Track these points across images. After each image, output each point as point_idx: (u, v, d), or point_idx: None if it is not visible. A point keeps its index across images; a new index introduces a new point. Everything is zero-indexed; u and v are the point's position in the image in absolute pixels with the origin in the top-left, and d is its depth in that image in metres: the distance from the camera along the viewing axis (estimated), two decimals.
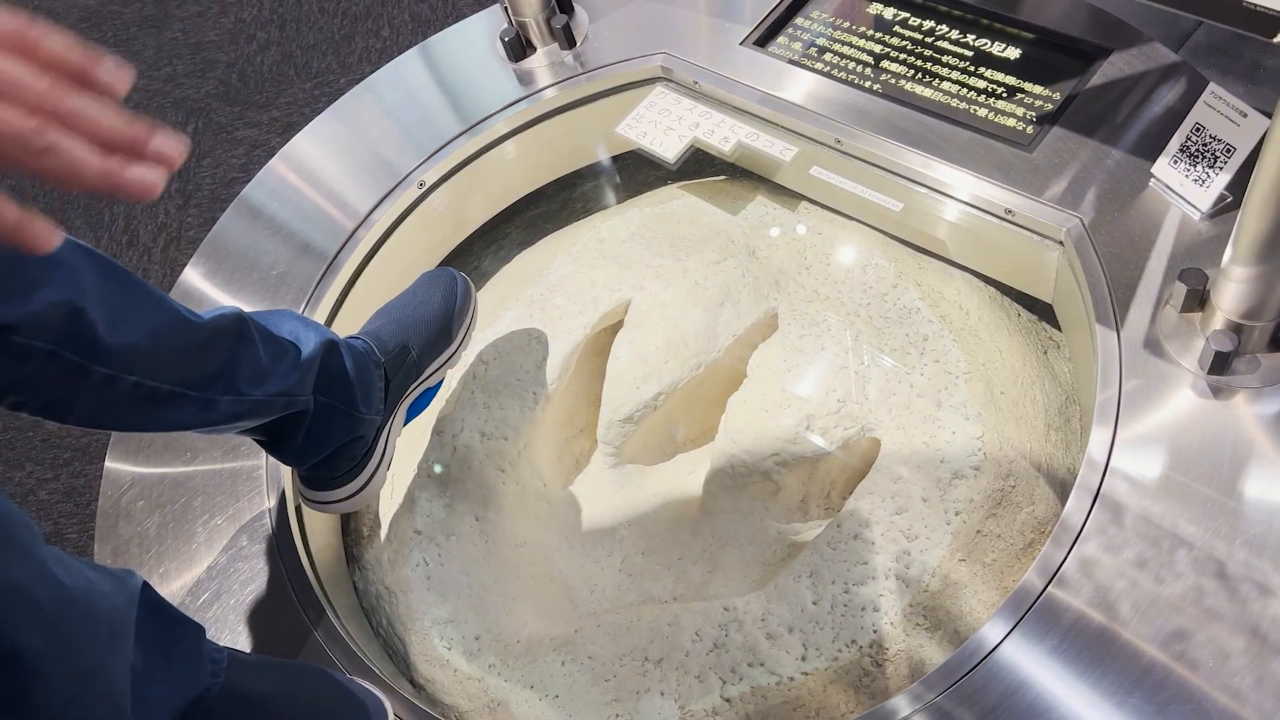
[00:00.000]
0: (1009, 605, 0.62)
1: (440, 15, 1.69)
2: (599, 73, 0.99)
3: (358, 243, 0.94)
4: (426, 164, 0.97)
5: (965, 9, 0.92)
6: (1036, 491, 0.77)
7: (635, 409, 0.90)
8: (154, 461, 0.85)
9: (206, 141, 1.62)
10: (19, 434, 1.34)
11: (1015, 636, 0.60)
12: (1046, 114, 0.82)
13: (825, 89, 0.89)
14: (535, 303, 0.98)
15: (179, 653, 0.58)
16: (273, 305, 0.91)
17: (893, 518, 0.78)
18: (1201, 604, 0.58)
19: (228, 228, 0.99)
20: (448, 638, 0.83)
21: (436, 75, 1.06)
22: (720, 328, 0.92)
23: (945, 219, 0.84)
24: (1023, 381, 0.83)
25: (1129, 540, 0.61)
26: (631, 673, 0.76)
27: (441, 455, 0.91)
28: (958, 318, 0.87)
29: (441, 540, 0.88)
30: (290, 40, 1.74)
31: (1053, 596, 0.61)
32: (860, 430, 0.84)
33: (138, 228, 1.55)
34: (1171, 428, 0.65)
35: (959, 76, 0.87)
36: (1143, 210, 0.74)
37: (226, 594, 0.76)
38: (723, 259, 0.95)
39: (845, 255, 0.93)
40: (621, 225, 1.01)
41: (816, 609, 0.76)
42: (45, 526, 1.26)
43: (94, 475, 1.27)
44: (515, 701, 0.77)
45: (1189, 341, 0.67)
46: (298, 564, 0.76)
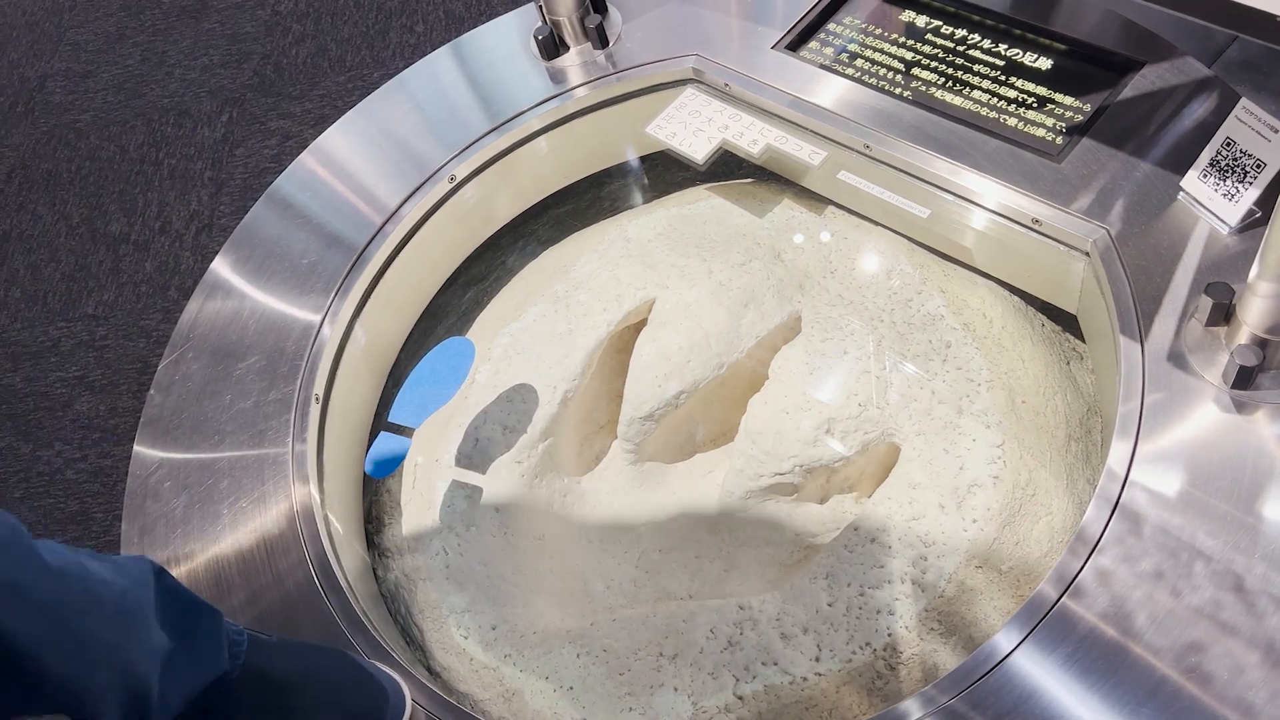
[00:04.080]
0: (1023, 613, 0.62)
1: (474, 13, 1.71)
2: (630, 73, 1.00)
3: (386, 236, 0.96)
4: (458, 159, 0.98)
5: (998, 18, 0.92)
6: (1055, 502, 0.77)
7: (656, 407, 0.91)
8: (182, 444, 0.86)
9: (240, 131, 1.64)
10: (49, 414, 1.37)
11: (1029, 644, 0.60)
12: (1076, 125, 0.82)
13: (855, 94, 0.89)
14: (561, 299, 0.99)
15: (199, 634, 0.59)
16: (301, 294, 0.92)
17: (910, 523, 0.78)
18: (1218, 618, 0.58)
19: (258, 219, 1.00)
20: (465, 626, 0.84)
21: (469, 72, 1.07)
22: (743, 329, 0.92)
23: (972, 227, 0.84)
24: (1044, 391, 0.83)
25: (1146, 551, 0.61)
26: (646, 667, 0.77)
27: (464, 447, 0.92)
28: (981, 325, 0.87)
29: (461, 530, 0.89)
30: (325, 34, 1.76)
31: (1068, 606, 0.61)
32: (880, 435, 0.84)
33: (170, 214, 1.57)
34: (1193, 441, 0.65)
35: (989, 85, 0.88)
36: (1170, 223, 0.74)
37: (251, 575, 0.78)
38: (748, 261, 0.95)
39: (870, 260, 0.93)
40: (648, 224, 1.02)
41: (831, 611, 0.76)
42: (71, 505, 1.29)
43: (121, 457, 1.30)
44: (530, 691, 0.78)
45: (1213, 355, 0.67)
46: (320, 549, 0.77)
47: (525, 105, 1.00)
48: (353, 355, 0.93)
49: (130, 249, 1.56)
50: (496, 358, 0.97)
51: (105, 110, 1.81)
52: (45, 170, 1.72)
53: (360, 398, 0.95)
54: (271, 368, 0.89)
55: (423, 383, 0.88)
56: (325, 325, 0.90)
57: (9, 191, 1.72)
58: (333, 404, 0.90)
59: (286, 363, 0.89)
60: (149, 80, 1.84)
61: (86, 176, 1.70)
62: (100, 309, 1.49)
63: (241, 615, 0.74)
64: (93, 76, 1.90)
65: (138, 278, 1.50)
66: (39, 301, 1.53)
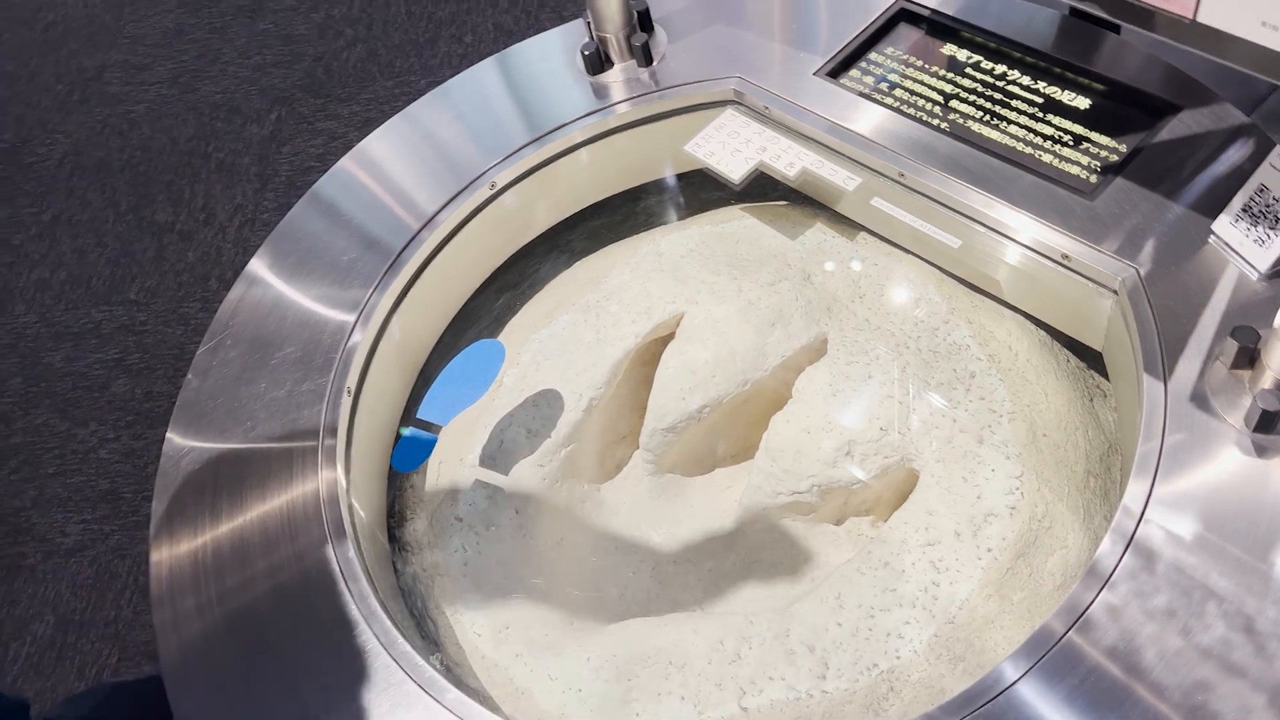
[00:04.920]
0: (1031, 643, 0.63)
1: (522, 26, 1.74)
2: (672, 91, 1.02)
3: (425, 237, 0.98)
4: (498, 166, 1.00)
5: (1038, 56, 0.93)
6: (1070, 536, 0.78)
7: (679, 419, 0.92)
8: (215, 428, 0.88)
9: (288, 130, 1.69)
10: (86, 393, 1.41)
11: (1034, 675, 0.61)
12: (1111, 164, 0.83)
13: (893, 123, 0.91)
14: (591, 308, 1.00)
15: None
16: (339, 290, 0.95)
17: (924, 548, 0.79)
18: (1227, 658, 0.58)
19: (301, 215, 1.03)
20: (477, 625, 0.85)
21: (515, 83, 1.09)
22: (770, 348, 0.93)
23: (1002, 259, 0.85)
24: (1066, 426, 0.84)
25: (1158, 589, 0.62)
26: (653, 675, 0.78)
27: (488, 447, 0.94)
28: (1006, 358, 0.88)
29: (481, 530, 0.90)
30: (376, 39, 1.81)
31: (1076, 638, 0.61)
32: (900, 460, 0.85)
33: (215, 207, 1.61)
34: (1212, 482, 0.65)
35: (1027, 121, 0.89)
36: (1200, 266, 0.75)
37: (275, 560, 0.80)
38: (777, 281, 0.97)
39: (899, 287, 0.94)
40: (681, 240, 1.04)
41: (840, 630, 0.77)
42: (102, 484, 1.32)
43: (153, 439, 1.33)
44: (539, 692, 0.79)
45: (1236, 399, 0.67)
46: (343, 537, 0.79)
47: (568, 118, 1.02)
48: (386, 351, 0.95)
49: (174, 238, 1.60)
50: (525, 362, 0.99)
51: (159, 103, 1.87)
52: (97, 158, 1.77)
53: (390, 393, 0.97)
54: (307, 359, 0.91)
55: (452, 382, 0.90)
56: (361, 321, 0.93)
57: (60, 176, 1.77)
58: (363, 398, 0.92)
59: (321, 355, 0.91)
60: (203, 76, 1.90)
61: (136, 166, 1.75)
62: (142, 295, 1.53)
63: (260, 583, 0.76)
64: (148, 69, 1.96)
65: (180, 266, 1.55)
66: (83, 285, 1.57)
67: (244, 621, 0.76)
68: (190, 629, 0.76)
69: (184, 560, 0.80)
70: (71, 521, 1.30)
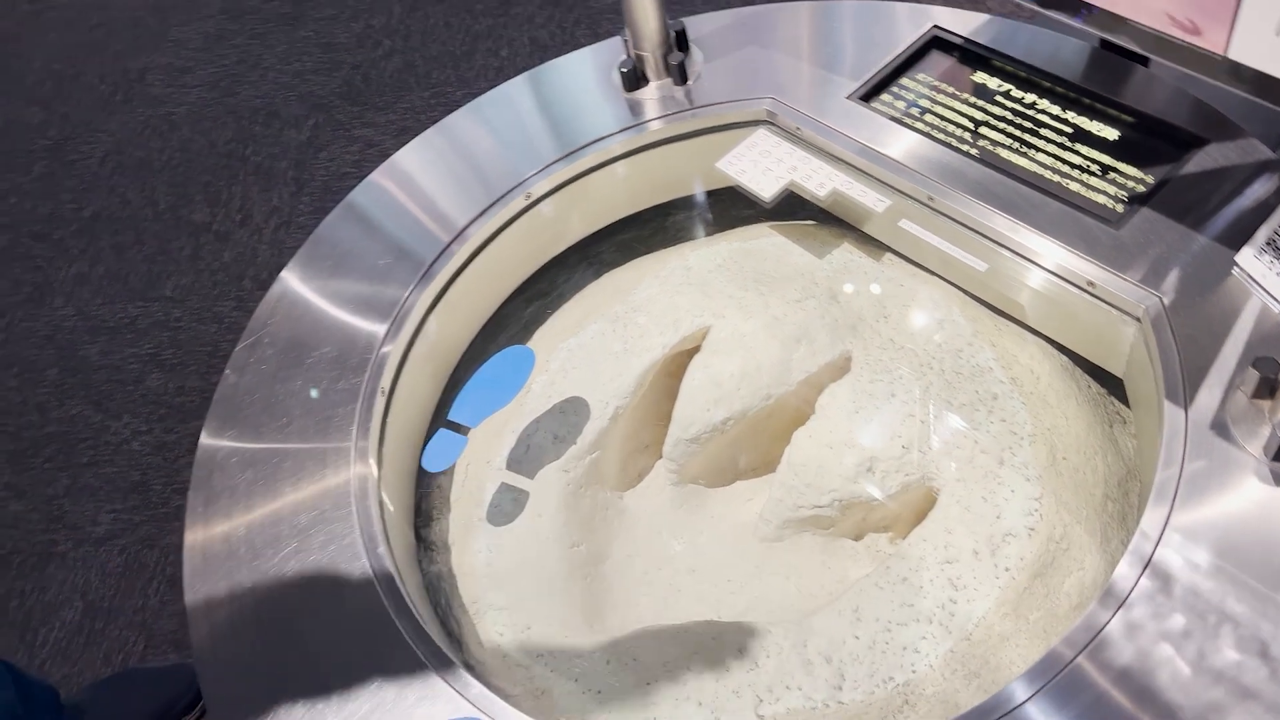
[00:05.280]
0: (1045, 662, 0.64)
1: (558, 41, 1.78)
2: (706, 110, 1.04)
3: (460, 244, 1.00)
4: (534, 177, 1.03)
5: (1068, 86, 0.95)
6: (1087, 558, 0.79)
7: (703, 430, 0.94)
8: (251, 423, 0.91)
9: (325, 136, 1.72)
10: (120, 387, 1.44)
11: (1046, 693, 0.62)
12: (1138, 195, 0.84)
13: (923, 148, 0.92)
14: (619, 319, 1.02)
15: None
16: (376, 293, 0.97)
17: (942, 566, 0.80)
18: (1239, 681, 0.59)
19: (339, 219, 1.05)
20: (500, 624, 0.87)
21: (552, 97, 1.12)
22: (794, 363, 0.95)
23: (1027, 284, 0.86)
24: (1086, 450, 0.85)
25: (1173, 612, 0.63)
26: (672, 680, 0.80)
27: (515, 451, 0.96)
28: (1028, 381, 0.89)
29: (505, 532, 0.92)
30: (414, 50, 1.84)
31: (1090, 658, 0.62)
32: (920, 478, 0.86)
33: (252, 208, 1.65)
34: (1230, 509, 0.66)
35: (1055, 150, 0.90)
36: (1223, 297, 0.76)
37: (305, 551, 0.82)
38: (804, 299, 0.98)
39: (924, 309, 0.96)
40: (709, 256, 1.06)
41: (857, 643, 0.78)
42: (133, 475, 1.35)
43: (184, 433, 1.36)
44: (559, 692, 0.81)
45: (1256, 428, 0.68)
46: (373, 532, 0.81)
47: (603, 133, 1.04)
48: (419, 354, 0.98)
49: (211, 238, 1.64)
50: (553, 370, 1.01)
51: (199, 105, 1.91)
52: (138, 157, 1.81)
53: (422, 396, 1.00)
54: (342, 359, 0.94)
55: (483, 386, 0.92)
56: (396, 324, 0.95)
57: (102, 174, 1.81)
58: (396, 399, 0.95)
59: (357, 355, 0.93)
60: (243, 80, 1.94)
61: (176, 166, 1.79)
62: (177, 292, 1.56)
63: (290, 575, 0.78)
64: (190, 73, 2.00)
65: (215, 266, 1.58)
66: (121, 280, 1.61)
67: (274, 610, 0.78)
68: (220, 614, 0.78)
69: (217, 545, 0.83)
70: (103, 511, 1.33)
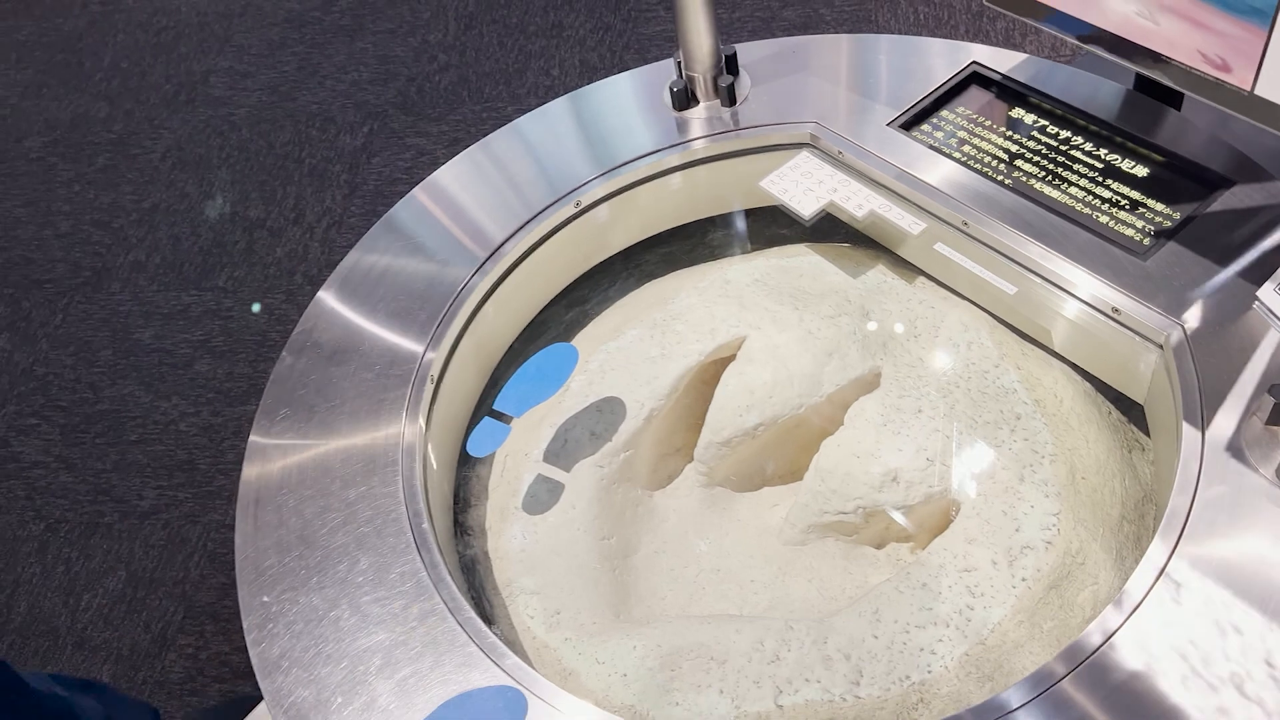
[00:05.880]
0: (1060, 658, 0.67)
1: (607, 64, 1.84)
2: (751, 131, 1.09)
3: (511, 246, 1.05)
4: (585, 186, 1.08)
5: (1101, 125, 0.99)
6: (1102, 574, 0.82)
7: (735, 434, 0.98)
8: (305, 402, 0.96)
9: (379, 143, 1.79)
10: (170, 370, 1.50)
11: (1062, 686, 0.65)
12: (1164, 230, 0.88)
13: (960, 175, 0.97)
14: (658, 326, 1.07)
15: None
16: (431, 287, 1.02)
17: (961, 574, 0.83)
18: (1242, 689, 0.62)
19: (397, 218, 1.11)
20: (531, 608, 0.91)
21: (603, 112, 1.17)
22: (825, 376, 0.99)
23: (1054, 309, 0.90)
24: (1105, 472, 0.88)
25: (1183, 621, 0.66)
26: (695, 667, 0.83)
27: (552, 445, 1.00)
28: (1052, 404, 0.93)
29: (540, 520, 0.96)
30: (468, 66, 1.92)
31: (1099, 660, 0.65)
32: (943, 490, 0.89)
33: (305, 208, 1.71)
34: (1242, 527, 0.69)
35: (1086, 184, 0.94)
36: (1243, 329, 0.79)
37: (351, 524, 0.86)
38: (837, 315, 1.02)
39: (953, 330, 0.99)
40: (748, 270, 1.10)
41: (876, 643, 0.81)
42: (180, 455, 1.40)
43: (231, 417, 1.41)
44: (585, 674, 0.85)
45: (1270, 452, 0.71)
46: (418, 509, 0.85)
47: (651, 148, 1.09)
48: (466, 348, 1.02)
49: (264, 234, 1.70)
50: (592, 370, 1.05)
51: (259, 108, 1.99)
52: (198, 154, 1.89)
53: (466, 388, 1.04)
54: (394, 348, 0.98)
55: (527, 380, 0.96)
56: (448, 315, 1.00)
57: (163, 169, 1.89)
58: (442, 388, 0.99)
59: (408, 346, 0.98)
60: (302, 87, 2.02)
61: (234, 164, 1.86)
62: (230, 283, 1.63)
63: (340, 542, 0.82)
64: (251, 77, 2.09)
65: (268, 260, 1.64)
66: (176, 269, 1.68)
67: (322, 570, 0.82)
68: (268, 572, 0.83)
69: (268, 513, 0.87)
70: (149, 486, 1.38)
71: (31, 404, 1.50)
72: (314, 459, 0.91)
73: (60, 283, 1.69)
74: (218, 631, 1.22)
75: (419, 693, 0.74)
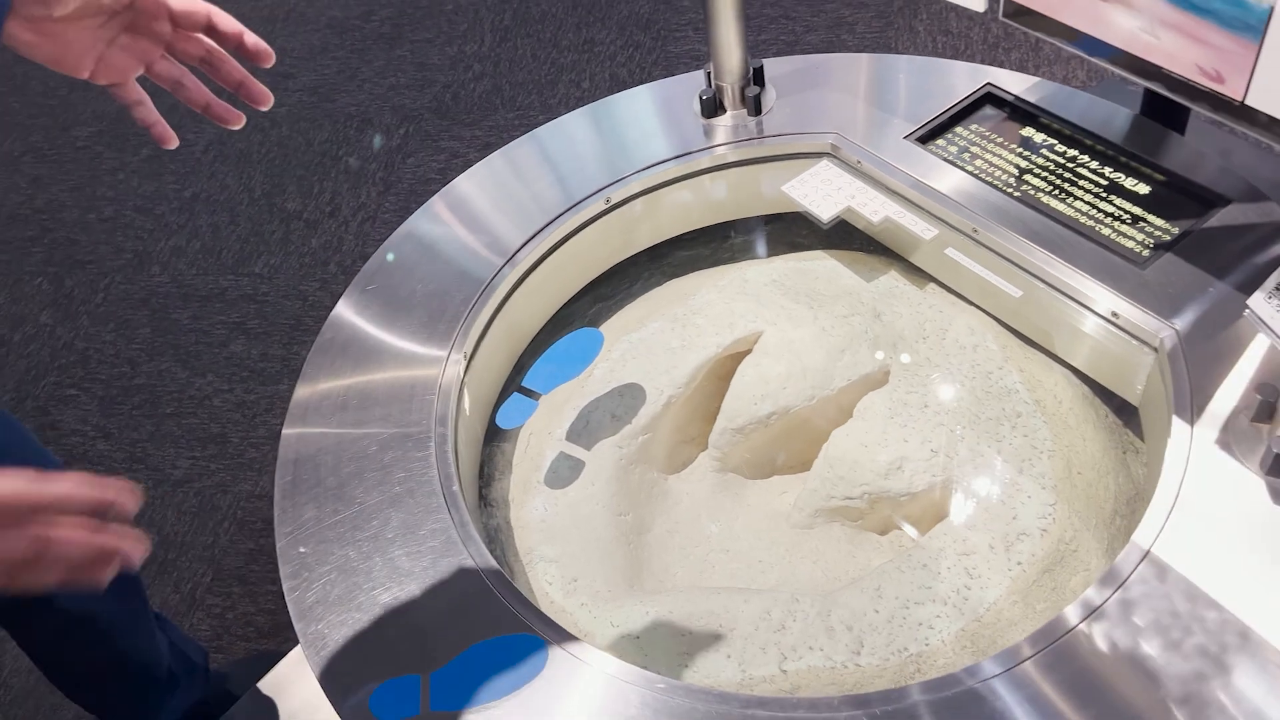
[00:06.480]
0: (1042, 633, 0.71)
1: (636, 78, 1.91)
2: (775, 140, 1.15)
3: (542, 238, 1.11)
4: (615, 185, 1.14)
5: (1108, 145, 1.04)
6: (1094, 561, 0.86)
7: (749, 422, 1.03)
8: (345, 370, 1.01)
9: (413, 144, 1.86)
10: (207, 349, 1.56)
11: (1042, 657, 0.69)
12: (1163, 242, 0.93)
13: (972, 186, 1.02)
14: (678, 319, 1.12)
15: None
16: (467, 271, 1.07)
17: (960, 557, 0.88)
18: (1221, 659, 0.66)
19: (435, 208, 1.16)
20: (549, 574, 0.95)
21: (635, 117, 1.24)
22: (837, 371, 1.04)
23: (1056, 313, 0.95)
24: (1100, 468, 0.93)
25: (1165, 596, 0.70)
26: (705, 633, 0.88)
27: (575, 425, 1.05)
28: (1051, 404, 0.97)
29: (560, 494, 1.01)
30: (502, 75, 1.99)
31: (1081, 633, 0.70)
32: (945, 480, 0.94)
33: (340, 203, 1.78)
34: (1225, 514, 0.74)
35: (1091, 199, 1.00)
36: (1234, 335, 0.84)
37: (385, 485, 0.91)
38: (850, 315, 1.08)
39: (960, 333, 1.05)
40: (766, 271, 1.16)
41: (877, 616, 0.86)
42: (213, 428, 1.46)
43: (263, 394, 1.47)
44: (599, 635, 0.89)
45: (1255, 446, 0.76)
46: (449, 472, 0.91)
47: (680, 151, 1.15)
48: (497, 332, 1.08)
49: (301, 225, 1.77)
50: (615, 358, 1.11)
51: (299, 108, 2.06)
52: (239, 149, 1.96)
53: (495, 368, 1.10)
54: (431, 324, 1.04)
55: (555, 360, 1.02)
56: (480, 299, 1.05)
57: (205, 160, 1.96)
58: (473, 369, 1.05)
59: (445, 323, 1.04)
60: (341, 89, 2.09)
61: (273, 159, 1.93)
62: (266, 270, 1.69)
63: (375, 500, 0.87)
64: (293, 78, 2.16)
65: (303, 250, 1.70)
66: (214, 255, 1.74)
67: (357, 526, 0.87)
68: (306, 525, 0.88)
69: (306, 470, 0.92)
70: (182, 457, 1.43)
71: (71, 376, 1.56)
72: (351, 424, 0.97)
73: (102, 264, 1.76)
74: (244, 594, 1.27)
75: (444, 641, 0.79)
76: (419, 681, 0.77)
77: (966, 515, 0.90)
